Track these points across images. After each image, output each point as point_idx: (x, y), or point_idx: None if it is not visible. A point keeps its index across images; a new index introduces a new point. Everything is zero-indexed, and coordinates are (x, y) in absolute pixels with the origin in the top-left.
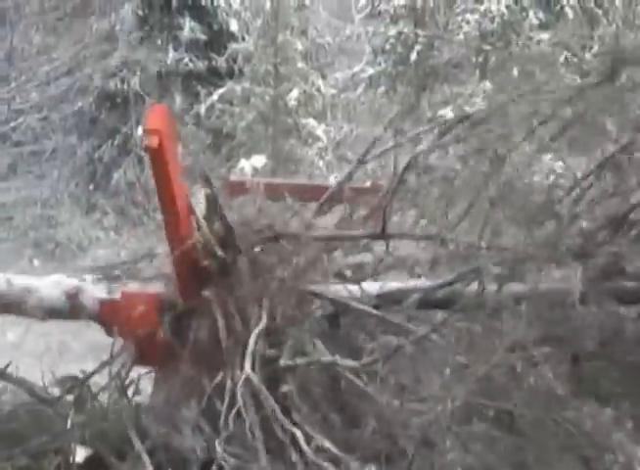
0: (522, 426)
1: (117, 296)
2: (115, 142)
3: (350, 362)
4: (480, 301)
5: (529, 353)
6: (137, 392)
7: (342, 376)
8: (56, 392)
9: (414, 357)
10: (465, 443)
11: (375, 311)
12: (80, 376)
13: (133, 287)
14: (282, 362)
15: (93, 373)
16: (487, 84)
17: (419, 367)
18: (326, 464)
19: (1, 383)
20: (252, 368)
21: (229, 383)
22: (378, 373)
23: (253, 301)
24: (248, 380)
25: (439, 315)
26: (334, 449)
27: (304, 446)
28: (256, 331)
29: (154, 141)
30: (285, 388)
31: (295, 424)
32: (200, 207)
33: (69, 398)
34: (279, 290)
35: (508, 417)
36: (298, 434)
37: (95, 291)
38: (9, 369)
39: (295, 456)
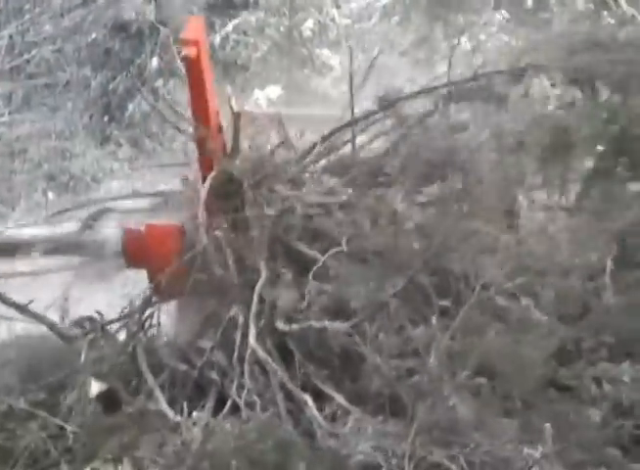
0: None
1: (142, 228)
2: (130, 73)
3: (339, 325)
4: None
5: None
6: (154, 325)
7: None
8: (74, 330)
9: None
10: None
11: None
12: (98, 319)
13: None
14: (278, 326)
15: (112, 321)
16: (504, 13)
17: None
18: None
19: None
20: (257, 338)
21: (240, 318)
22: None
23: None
24: (253, 352)
25: None
26: (344, 402)
27: (314, 411)
28: (257, 289)
29: (192, 51)
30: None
31: (303, 388)
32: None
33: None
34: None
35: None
36: (308, 400)
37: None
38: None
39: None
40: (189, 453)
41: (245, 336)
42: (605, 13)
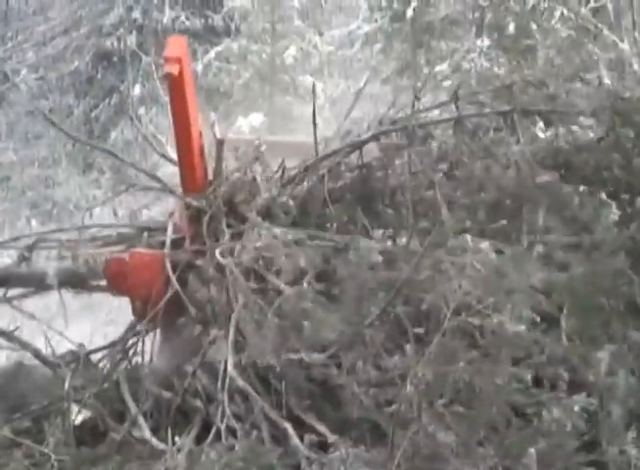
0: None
1: (126, 256)
2: (112, 101)
3: (317, 356)
4: None
5: None
6: (138, 353)
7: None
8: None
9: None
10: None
11: None
12: (81, 350)
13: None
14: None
15: (95, 350)
16: (484, 40)
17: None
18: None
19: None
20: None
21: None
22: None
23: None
24: (232, 380)
25: None
26: (326, 432)
27: (296, 441)
28: (233, 319)
29: (174, 69)
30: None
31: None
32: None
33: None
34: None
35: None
36: (289, 428)
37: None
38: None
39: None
40: None
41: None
42: (586, 40)
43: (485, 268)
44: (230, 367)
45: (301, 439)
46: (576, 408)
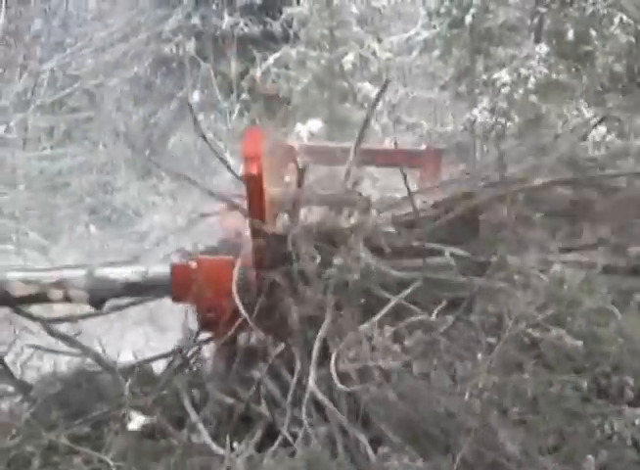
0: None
1: (193, 263)
2: (171, 107)
3: (393, 363)
4: None
5: None
6: (200, 360)
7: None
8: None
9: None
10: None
11: None
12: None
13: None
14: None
15: (155, 358)
16: (543, 47)
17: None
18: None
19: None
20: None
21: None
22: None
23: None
24: (312, 393)
25: None
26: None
27: (370, 453)
28: (319, 336)
29: (254, 169)
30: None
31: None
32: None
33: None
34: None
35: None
36: (364, 440)
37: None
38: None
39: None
40: None
41: (301, 373)
42: None
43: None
44: (312, 382)
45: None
46: (637, 421)
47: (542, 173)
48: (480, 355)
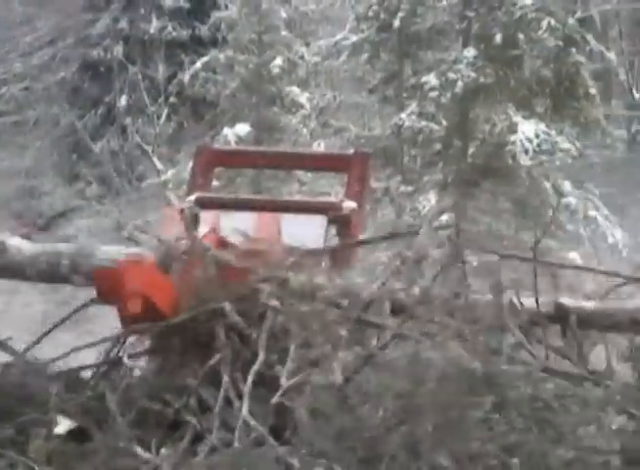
0: None
1: (116, 263)
2: (99, 111)
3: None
4: None
5: None
6: (127, 364)
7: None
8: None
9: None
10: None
11: None
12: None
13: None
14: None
15: (83, 367)
16: (471, 51)
17: None
18: None
19: None
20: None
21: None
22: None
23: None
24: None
25: None
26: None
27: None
28: (254, 369)
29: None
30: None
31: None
32: None
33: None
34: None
35: None
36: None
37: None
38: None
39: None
40: None
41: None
42: (573, 50)
43: None
44: (245, 411)
45: None
46: None
47: None
48: None
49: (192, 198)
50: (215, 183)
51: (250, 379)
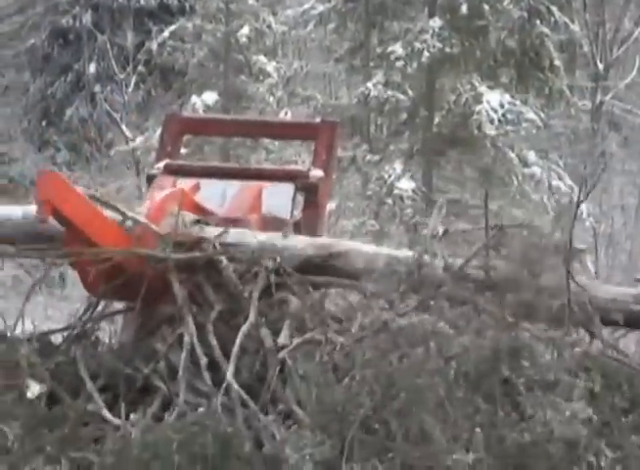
0: None
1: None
2: (68, 79)
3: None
4: None
5: None
6: (97, 330)
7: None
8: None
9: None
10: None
11: None
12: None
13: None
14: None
15: (52, 332)
16: (437, 21)
17: None
18: None
19: None
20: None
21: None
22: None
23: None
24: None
25: None
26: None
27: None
28: (243, 330)
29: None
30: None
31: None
32: None
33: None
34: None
35: None
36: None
37: None
38: None
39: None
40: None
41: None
42: (538, 21)
43: None
44: (230, 376)
45: None
46: None
47: None
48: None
49: (160, 165)
50: (184, 151)
51: (237, 341)
